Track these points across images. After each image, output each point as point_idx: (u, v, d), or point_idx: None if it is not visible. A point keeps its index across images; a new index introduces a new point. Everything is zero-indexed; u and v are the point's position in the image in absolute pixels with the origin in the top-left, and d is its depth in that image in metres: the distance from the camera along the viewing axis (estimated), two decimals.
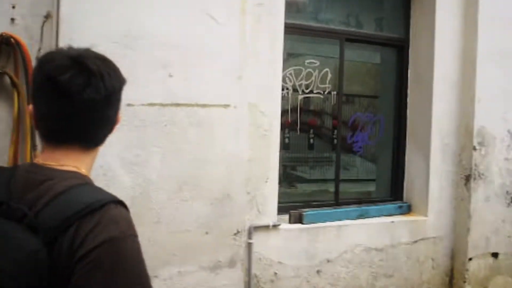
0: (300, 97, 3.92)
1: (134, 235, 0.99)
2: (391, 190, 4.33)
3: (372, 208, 3.95)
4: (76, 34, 2.71)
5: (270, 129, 3.39)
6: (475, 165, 4.08)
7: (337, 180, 4.02)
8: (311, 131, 4.09)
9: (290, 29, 3.59)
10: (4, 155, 2.73)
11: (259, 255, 3.37)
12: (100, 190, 1.04)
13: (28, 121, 2.72)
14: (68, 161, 1.05)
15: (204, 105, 3.00)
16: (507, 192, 4.25)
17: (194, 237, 2.99)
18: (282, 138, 3.69)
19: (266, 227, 3.37)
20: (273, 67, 3.38)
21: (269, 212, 3.40)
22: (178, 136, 2.96)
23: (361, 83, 4.47)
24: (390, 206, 4.05)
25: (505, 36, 4.09)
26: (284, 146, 3.78)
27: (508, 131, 4.22)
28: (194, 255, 2.99)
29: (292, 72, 3.86)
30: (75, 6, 2.72)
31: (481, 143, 4.09)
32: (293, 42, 3.79)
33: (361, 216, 3.86)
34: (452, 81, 4.10)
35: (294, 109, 3.89)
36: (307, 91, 3.93)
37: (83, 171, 1.06)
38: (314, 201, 3.94)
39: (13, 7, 2.74)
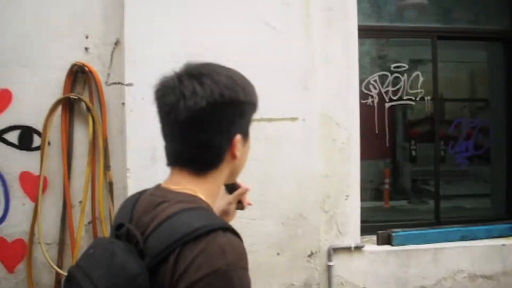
0: (388, 104, 3.57)
1: (243, 268, 0.91)
2: (506, 207, 3.71)
3: (479, 228, 3.41)
4: (139, 57, 2.78)
5: (348, 142, 3.12)
6: None
7: (437, 196, 3.56)
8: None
9: (367, 32, 3.30)
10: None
11: (341, 279, 3.09)
12: (211, 215, 0.97)
13: (101, 144, 2.84)
14: (185, 184, 1.01)
15: (270, 119, 2.87)
16: None
17: (264, 258, 2.84)
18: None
19: (348, 248, 3.09)
20: (347, 74, 3.13)
21: (351, 232, 3.11)
22: None
23: (462, 85, 3.96)
24: (502, 226, 3.47)
25: None
26: None
27: None
28: (265, 276, 2.84)
29: (377, 78, 3.55)
30: (138, 31, 2.79)
31: None
32: (375, 46, 3.49)
33: (465, 237, 3.35)
34: None
35: (381, 118, 3.56)
36: (395, 98, 3.57)
37: (199, 195, 1.01)
38: (411, 220, 3.53)
39: (87, 37, 2.90)
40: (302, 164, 2.90)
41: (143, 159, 2.77)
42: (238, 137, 1.01)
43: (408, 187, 4.33)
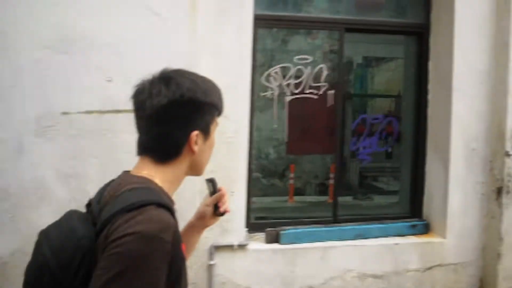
0: (288, 98, 3.45)
1: (163, 239, 0.99)
2: (410, 206, 3.66)
3: (375, 227, 3.35)
4: (9, 42, 2.58)
5: (236, 136, 2.99)
6: (509, 175, 3.29)
7: (336, 193, 3.48)
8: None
9: (266, 22, 3.16)
10: None
11: (223, 279, 2.98)
12: (153, 193, 1.09)
13: None
14: (145, 170, 1.16)
15: None
16: None
17: None
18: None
19: (230, 246, 2.97)
20: (239, 65, 2.98)
21: (236, 229, 3.00)
22: (118, 145, 2.70)
23: (369, 80, 3.87)
24: (399, 224, 3.41)
25: None
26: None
27: None
28: None
29: (279, 70, 3.42)
30: (6, 13, 2.59)
31: None
32: (275, 37, 3.35)
33: (360, 236, 3.28)
34: (480, 73, 3.35)
35: (280, 112, 3.44)
36: (297, 91, 3.45)
37: (155, 179, 1.14)
38: (308, 218, 3.44)
39: None
40: None
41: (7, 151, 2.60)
42: (195, 133, 1.15)
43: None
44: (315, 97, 3.46)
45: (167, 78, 1.15)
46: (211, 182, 1.39)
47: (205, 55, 2.89)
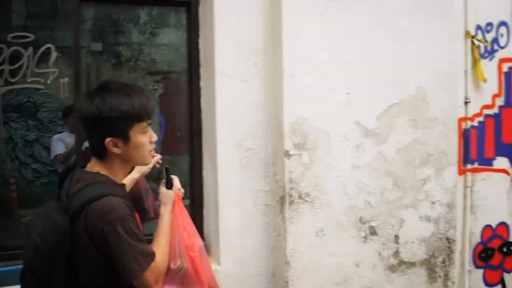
0: (3, 89, 2.55)
1: (124, 215, 1.42)
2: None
3: None
4: None
5: None
6: (291, 180, 2.57)
7: None
8: None
9: None
10: None
11: None
12: (106, 186, 1.46)
13: None
14: (94, 167, 1.52)
15: None
16: (361, 219, 2.71)
17: None
18: None
19: None
20: None
21: None
22: None
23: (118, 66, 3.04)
24: None
25: None
26: None
27: (357, 123, 2.68)
28: None
29: None
30: None
31: (301, 146, 2.58)
32: None
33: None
34: (253, 53, 2.61)
35: None
36: (14, 80, 2.55)
37: (102, 173, 1.51)
38: None
39: None
40: None
41: None
42: (107, 140, 1.47)
43: None
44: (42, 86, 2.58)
45: (92, 93, 1.49)
46: (166, 169, 1.76)
47: None
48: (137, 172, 1.87)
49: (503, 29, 3.15)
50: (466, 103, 3.04)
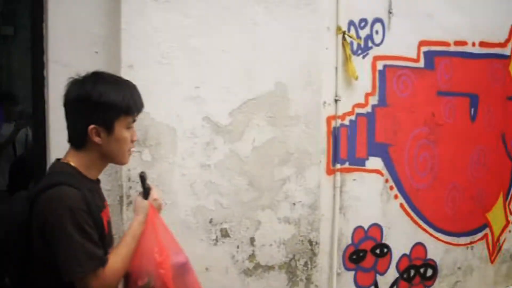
0: None
1: (70, 207, 1.36)
2: None
3: None
4: None
5: None
6: (129, 178, 2.39)
7: None
8: None
9: None
10: None
11: None
12: (66, 176, 1.43)
13: None
14: (67, 156, 1.51)
15: None
16: (211, 221, 2.56)
17: None
18: None
19: None
20: None
21: None
22: None
23: None
24: None
25: None
26: None
27: (207, 118, 2.53)
28: None
29: None
30: None
31: (141, 142, 2.40)
32: None
33: None
34: (94, 40, 2.42)
35: None
36: None
37: (72, 163, 1.48)
38: None
39: None
40: None
41: None
42: (91, 127, 1.45)
43: None
44: None
45: (83, 79, 1.50)
46: (141, 178, 1.67)
47: None
48: None
49: (378, 26, 3.06)
50: (336, 101, 2.94)
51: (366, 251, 3.10)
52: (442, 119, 3.32)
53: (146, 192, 1.65)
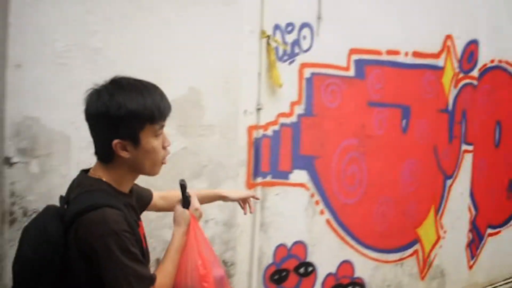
0: None
1: (117, 231, 1.31)
2: None
3: None
4: None
5: None
6: (14, 194, 2.10)
7: None
8: None
9: None
10: None
11: None
12: (103, 195, 1.36)
13: None
14: (96, 171, 1.43)
15: None
16: None
17: None
18: None
19: None
20: None
21: None
22: None
23: None
24: None
25: None
26: None
27: None
28: None
29: None
30: None
31: (28, 152, 2.12)
32: None
33: None
34: None
35: None
36: None
37: (103, 179, 1.40)
38: None
39: None
40: None
41: None
42: (115, 142, 1.36)
43: None
44: None
45: (100, 89, 1.40)
46: (181, 186, 1.62)
47: None
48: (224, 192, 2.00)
49: (306, 31, 2.89)
50: (258, 109, 2.74)
51: (288, 270, 2.92)
52: (373, 131, 3.19)
53: (186, 201, 1.60)
